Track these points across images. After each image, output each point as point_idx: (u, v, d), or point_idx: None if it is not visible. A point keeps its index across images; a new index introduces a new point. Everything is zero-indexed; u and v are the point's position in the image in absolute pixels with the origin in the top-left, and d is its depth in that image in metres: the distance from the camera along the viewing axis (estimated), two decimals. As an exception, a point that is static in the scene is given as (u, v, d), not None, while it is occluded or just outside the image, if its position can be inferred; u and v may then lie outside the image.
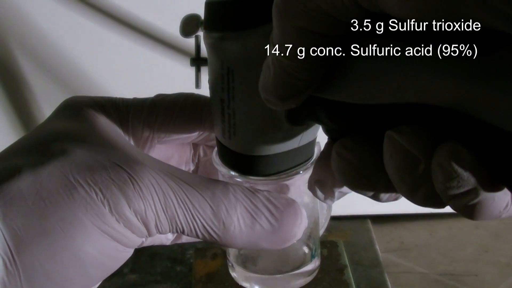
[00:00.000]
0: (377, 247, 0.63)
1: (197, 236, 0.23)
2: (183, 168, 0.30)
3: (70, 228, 0.20)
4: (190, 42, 0.46)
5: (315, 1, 0.17)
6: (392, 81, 0.17)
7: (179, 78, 0.63)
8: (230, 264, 0.30)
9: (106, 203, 0.21)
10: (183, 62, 0.67)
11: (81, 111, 0.25)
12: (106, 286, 0.56)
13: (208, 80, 0.25)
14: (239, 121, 0.24)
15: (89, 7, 0.66)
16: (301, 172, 0.26)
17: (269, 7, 0.18)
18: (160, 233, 0.22)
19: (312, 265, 0.30)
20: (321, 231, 0.48)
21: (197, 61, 0.46)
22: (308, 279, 0.29)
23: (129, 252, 0.23)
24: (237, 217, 0.23)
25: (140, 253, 0.57)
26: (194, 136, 0.28)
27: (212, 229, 0.22)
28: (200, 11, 0.46)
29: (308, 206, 0.28)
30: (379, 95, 0.18)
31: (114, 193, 0.21)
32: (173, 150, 0.30)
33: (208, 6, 0.24)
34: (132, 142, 0.27)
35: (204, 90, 0.46)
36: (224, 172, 0.26)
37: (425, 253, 0.69)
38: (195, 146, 0.31)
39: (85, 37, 0.69)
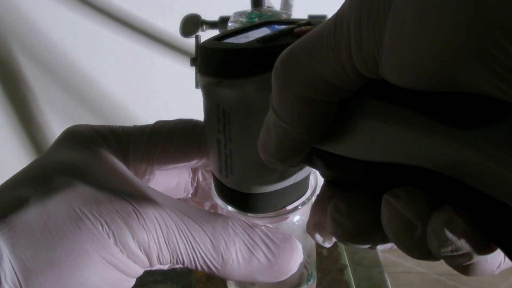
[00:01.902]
0: (377, 247, 0.63)
1: (196, 268, 0.23)
2: (182, 192, 0.31)
3: (77, 259, 0.21)
4: (190, 42, 0.46)
5: (316, 71, 0.17)
6: (386, 142, 0.18)
7: (179, 78, 0.63)
8: (229, 285, 0.31)
9: (111, 235, 0.22)
10: (183, 62, 0.67)
11: (83, 141, 0.26)
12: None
13: (204, 119, 0.25)
14: (235, 161, 0.25)
15: (89, 7, 0.66)
16: (299, 207, 0.27)
17: (267, 57, 0.18)
18: (161, 264, 0.23)
19: (309, 286, 0.31)
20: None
21: (197, 61, 0.46)
22: None
23: (131, 282, 0.24)
24: (236, 251, 0.24)
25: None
26: (193, 162, 0.29)
27: (211, 262, 0.23)
28: (200, 11, 0.46)
29: (301, 237, 0.29)
30: (373, 153, 0.18)
31: (119, 225, 0.22)
32: (172, 175, 0.30)
33: (203, 51, 0.24)
34: (132, 171, 0.27)
35: (204, 90, 0.46)
36: (222, 206, 0.27)
37: (425, 253, 0.69)
38: (194, 170, 0.31)
39: (85, 37, 0.69)
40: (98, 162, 0.25)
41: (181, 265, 0.23)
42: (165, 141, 0.28)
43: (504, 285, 0.63)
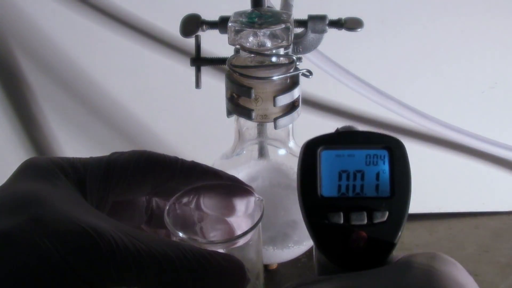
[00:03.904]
0: (377, 247, 0.63)
1: None
2: (137, 220, 0.32)
3: None
4: (190, 42, 0.46)
5: None
6: None
7: (179, 78, 0.63)
8: None
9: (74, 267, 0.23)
10: (183, 62, 0.67)
11: (41, 173, 0.27)
12: (106, 286, 0.56)
13: None
14: None
15: (89, 7, 0.66)
16: (249, 232, 0.29)
17: None
18: None
19: None
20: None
21: (197, 61, 0.46)
22: None
23: None
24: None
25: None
26: (147, 192, 0.31)
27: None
28: (200, 11, 0.46)
29: (253, 260, 0.31)
30: None
31: (81, 256, 0.23)
32: (127, 204, 0.32)
33: None
34: (89, 202, 0.28)
35: (204, 90, 0.46)
36: (175, 232, 0.28)
37: (425, 253, 0.69)
38: (148, 199, 0.33)
39: (85, 37, 0.69)
40: (57, 193, 0.26)
41: None
42: (121, 171, 0.29)
43: (504, 285, 0.63)
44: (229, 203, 0.32)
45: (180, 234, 0.28)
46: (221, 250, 0.28)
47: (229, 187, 0.32)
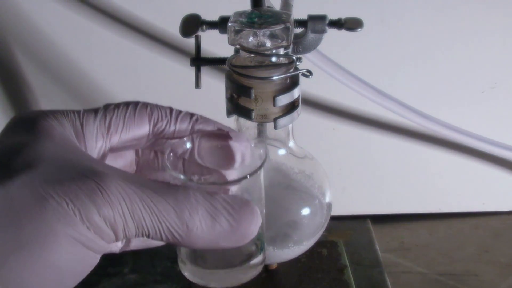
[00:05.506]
0: (377, 247, 0.63)
1: (161, 238, 0.24)
2: (128, 170, 0.32)
3: (45, 238, 0.21)
4: (190, 42, 0.46)
5: None
6: None
7: (179, 78, 0.63)
8: (181, 263, 0.32)
9: (77, 212, 0.22)
10: (183, 62, 0.67)
11: (35, 124, 0.26)
12: (106, 286, 0.56)
13: None
14: None
15: (89, 7, 0.66)
16: (248, 176, 0.28)
17: None
18: (127, 237, 0.24)
19: (259, 258, 0.32)
20: (321, 231, 0.48)
21: (197, 61, 0.46)
22: (256, 272, 0.32)
23: (98, 258, 0.24)
24: (199, 219, 0.24)
25: (140, 253, 0.57)
26: (143, 142, 0.30)
27: (176, 231, 0.24)
28: (200, 11, 0.46)
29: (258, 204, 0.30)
30: None
31: (83, 202, 0.22)
32: (121, 156, 0.31)
33: None
34: (89, 151, 0.28)
35: (204, 90, 0.46)
36: (177, 176, 0.28)
37: (425, 253, 0.69)
38: (137, 151, 0.33)
39: (85, 37, 0.69)
40: (54, 143, 0.25)
41: (146, 237, 0.24)
42: (116, 119, 0.29)
43: (504, 285, 0.63)
44: (225, 153, 0.31)
45: (182, 177, 0.28)
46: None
47: (224, 136, 0.31)
